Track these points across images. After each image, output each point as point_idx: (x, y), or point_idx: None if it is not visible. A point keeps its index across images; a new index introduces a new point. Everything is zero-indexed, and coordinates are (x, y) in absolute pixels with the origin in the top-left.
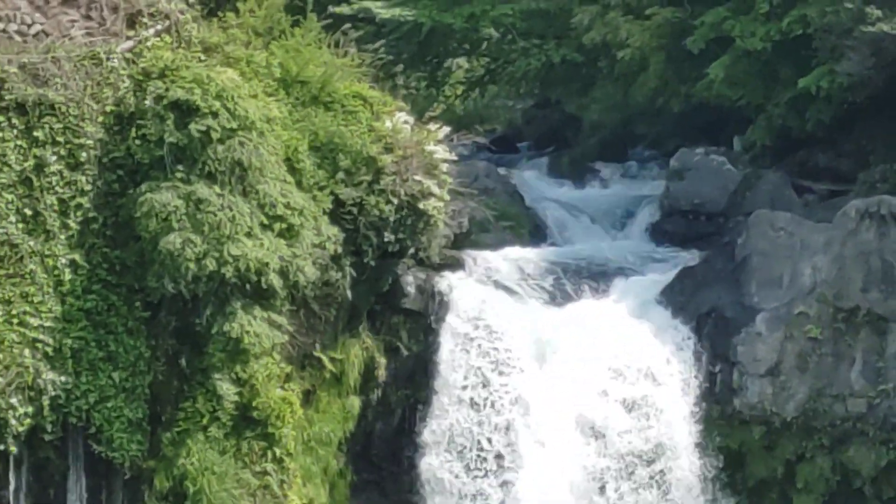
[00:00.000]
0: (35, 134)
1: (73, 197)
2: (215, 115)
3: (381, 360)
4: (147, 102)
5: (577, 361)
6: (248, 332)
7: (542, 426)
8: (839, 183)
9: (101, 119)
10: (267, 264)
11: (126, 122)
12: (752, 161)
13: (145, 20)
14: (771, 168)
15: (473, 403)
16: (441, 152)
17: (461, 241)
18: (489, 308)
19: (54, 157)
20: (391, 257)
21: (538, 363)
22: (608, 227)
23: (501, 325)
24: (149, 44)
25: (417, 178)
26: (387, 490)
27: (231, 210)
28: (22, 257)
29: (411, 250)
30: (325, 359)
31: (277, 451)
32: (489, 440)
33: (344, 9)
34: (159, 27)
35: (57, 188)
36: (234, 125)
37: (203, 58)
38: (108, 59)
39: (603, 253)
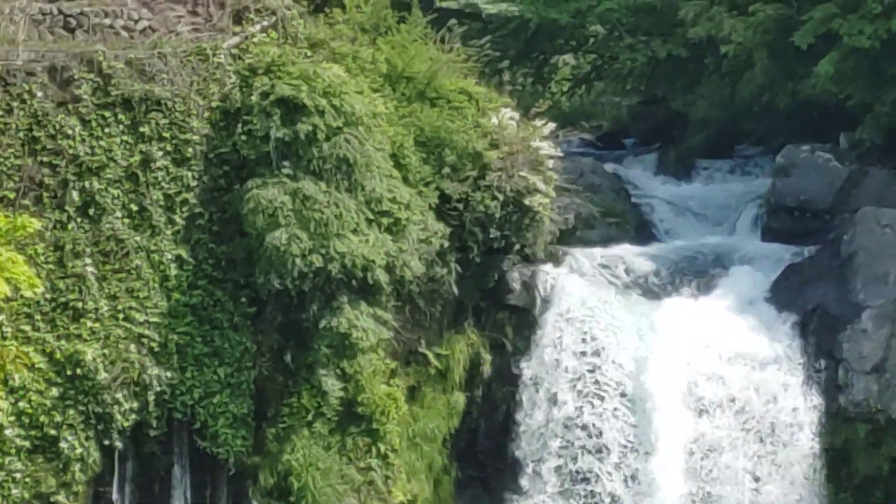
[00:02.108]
0: (141, 129)
1: (179, 192)
2: (322, 112)
3: (487, 357)
4: (253, 98)
5: (679, 358)
6: (355, 328)
7: (645, 425)
8: None
9: (206, 115)
10: (373, 260)
11: (232, 117)
12: (858, 158)
13: (251, 16)
14: (877, 165)
15: (578, 396)
16: (547, 148)
17: (567, 237)
18: (593, 304)
19: (160, 153)
20: (496, 253)
21: (642, 358)
22: (714, 224)
23: (606, 321)
24: (255, 40)
25: (523, 174)
26: (491, 486)
27: (337, 206)
28: (128, 252)
29: (517, 246)
30: (430, 355)
31: (382, 447)
32: (591, 434)
33: (450, 4)
34: (265, 23)
35: (163, 183)
36: (341, 122)
37: (309, 54)
38: (214, 54)
39: (708, 249)
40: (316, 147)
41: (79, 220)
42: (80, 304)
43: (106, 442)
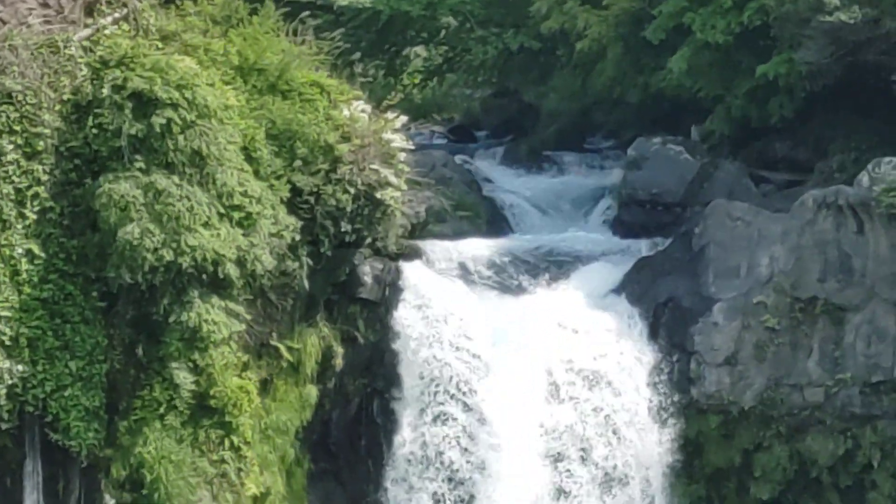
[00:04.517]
0: None
1: (30, 186)
2: (175, 105)
3: (339, 350)
4: (105, 91)
5: (532, 351)
6: (205, 321)
7: (496, 418)
8: (797, 173)
9: (58, 108)
10: (224, 254)
11: (84, 110)
12: (709, 151)
13: (103, 8)
14: (729, 158)
15: (428, 394)
16: (398, 141)
17: (418, 230)
18: (445, 298)
19: (11, 147)
20: (348, 247)
21: (493, 353)
22: (566, 217)
23: (457, 315)
24: (107, 32)
25: (375, 167)
26: (344, 479)
27: (189, 200)
28: None
29: (368, 240)
30: (282, 348)
31: (234, 440)
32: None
33: None
34: (117, 15)
35: (13, 177)
36: (194, 115)
37: (161, 46)
38: (65, 47)
39: (560, 243)
40: (169, 140)
41: None
42: None
43: None
